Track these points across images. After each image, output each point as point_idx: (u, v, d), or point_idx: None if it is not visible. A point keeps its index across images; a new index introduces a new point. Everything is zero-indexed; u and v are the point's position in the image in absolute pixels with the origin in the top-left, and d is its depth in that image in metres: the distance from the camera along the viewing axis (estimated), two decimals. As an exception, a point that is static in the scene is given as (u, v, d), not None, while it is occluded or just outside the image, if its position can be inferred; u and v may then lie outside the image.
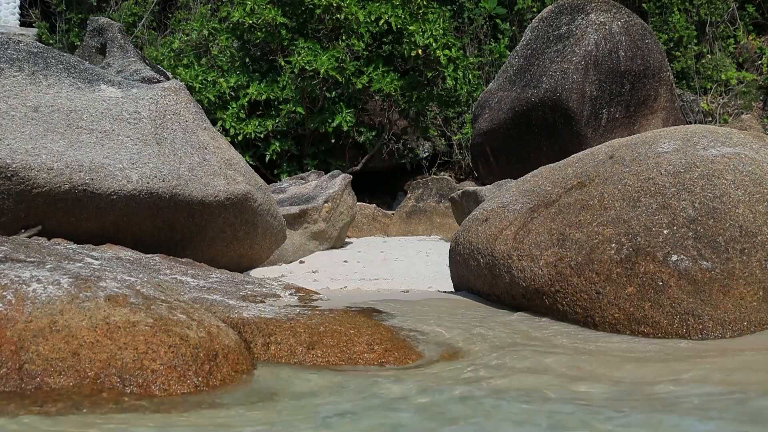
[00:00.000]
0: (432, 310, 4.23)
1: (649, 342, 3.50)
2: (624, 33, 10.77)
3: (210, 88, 14.53)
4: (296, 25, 14.73)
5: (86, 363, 2.74)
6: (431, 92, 15.56)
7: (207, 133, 6.13)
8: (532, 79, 10.99)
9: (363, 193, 14.50)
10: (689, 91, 15.84)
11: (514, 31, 17.60)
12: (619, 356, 3.23)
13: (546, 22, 11.55)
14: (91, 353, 2.76)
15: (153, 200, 5.34)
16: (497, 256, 4.33)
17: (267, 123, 14.45)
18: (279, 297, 4.24)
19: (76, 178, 4.97)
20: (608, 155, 4.47)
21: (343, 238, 10.60)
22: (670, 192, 3.94)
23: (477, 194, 9.70)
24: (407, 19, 14.57)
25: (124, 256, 4.71)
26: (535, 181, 4.74)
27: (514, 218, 4.45)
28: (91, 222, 5.15)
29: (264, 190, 6.58)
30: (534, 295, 4.09)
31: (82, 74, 5.74)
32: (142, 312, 2.96)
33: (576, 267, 3.90)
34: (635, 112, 10.83)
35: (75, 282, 3.05)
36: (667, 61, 11.26)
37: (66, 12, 18.44)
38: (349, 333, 3.36)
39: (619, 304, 3.72)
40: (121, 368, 2.75)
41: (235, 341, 3.08)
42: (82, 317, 2.86)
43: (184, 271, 4.72)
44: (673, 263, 3.69)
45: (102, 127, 5.35)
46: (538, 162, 8.73)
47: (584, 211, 4.13)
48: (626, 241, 3.84)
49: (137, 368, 2.76)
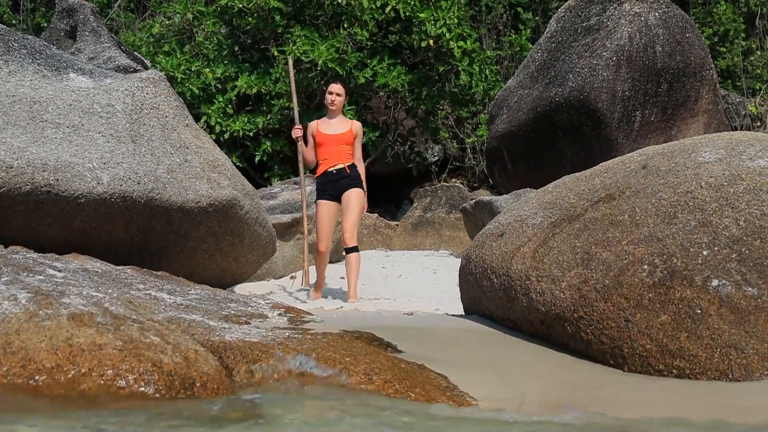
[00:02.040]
0: (439, 337, 4.21)
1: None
2: (662, 26, 10.78)
3: (194, 79, 14.56)
4: (292, 10, 14.76)
5: (44, 390, 2.72)
6: (443, 89, 15.58)
7: (189, 131, 6.12)
8: (557, 76, 11.00)
9: (363, 200, 14.51)
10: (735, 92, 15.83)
11: (538, 22, 17.63)
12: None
13: (574, 12, 11.57)
14: (51, 379, 2.75)
15: (126, 205, 5.33)
16: (513, 276, 4.32)
17: (257, 120, 14.47)
18: (266, 318, 4.22)
19: (39, 178, 4.96)
20: (641, 164, 4.45)
21: (340, 252, 10.59)
22: (711, 208, 3.92)
23: (492, 205, 9.69)
24: (417, 5, 14.60)
25: (91, 267, 4.69)
26: (558, 192, 4.72)
27: (534, 234, 4.44)
28: (55, 228, 5.14)
29: (252, 195, 6.58)
30: (554, 321, 4.07)
31: (49, 61, 5.74)
32: (110, 333, 2.94)
33: (602, 291, 3.88)
34: (673, 115, 10.84)
35: (34, 297, 3.03)
36: (711, 58, 11.27)
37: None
38: (345, 361, 3.34)
39: (651, 334, 3.70)
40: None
41: (215, 368, 3.06)
42: (41, 338, 2.85)
43: (160, 286, 4.70)
44: (714, 289, 3.67)
45: (70, 122, 5.34)
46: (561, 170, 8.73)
47: (613, 227, 4.11)
48: (660, 262, 3.82)
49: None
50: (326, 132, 7.64)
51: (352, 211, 7.45)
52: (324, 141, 7.61)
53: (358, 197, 7.50)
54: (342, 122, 7.76)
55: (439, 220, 13.18)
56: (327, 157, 7.59)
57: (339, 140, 7.59)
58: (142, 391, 2.79)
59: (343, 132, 7.64)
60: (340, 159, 7.56)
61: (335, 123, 7.72)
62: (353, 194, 7.50)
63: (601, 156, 9.34)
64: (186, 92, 14.20)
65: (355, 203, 7.48)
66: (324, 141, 7.61)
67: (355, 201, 7.48)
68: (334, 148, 7.58)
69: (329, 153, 7.59)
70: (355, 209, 7.47)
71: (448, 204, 13.31)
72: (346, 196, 7.49)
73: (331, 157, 7.57)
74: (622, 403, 3.25)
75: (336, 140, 7.59)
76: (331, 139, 7.59)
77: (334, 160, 7.56)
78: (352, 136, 7.66)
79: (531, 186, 10.33)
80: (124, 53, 7.49)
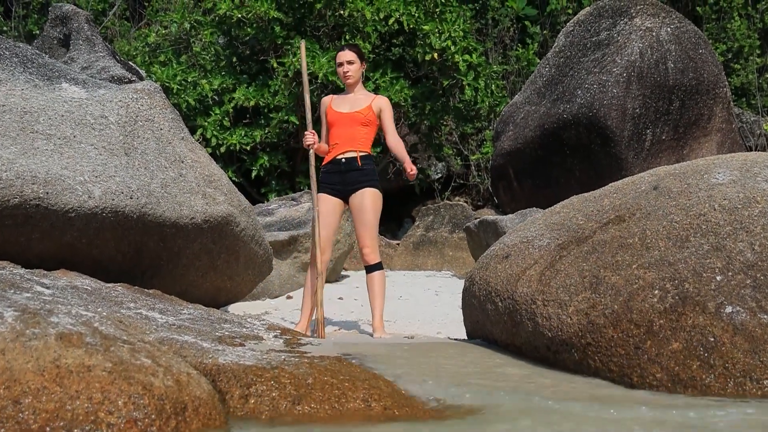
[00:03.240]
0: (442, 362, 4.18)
1: None
2: (674, 41, 10.80)
3: (190, 90, 14.58)
4: (292, 21, 14.80)
5: (29, 414, 2.71)
6: (447, 104, 15.60)
7: (184, 144, 6.12)
8: (565, 92, 11.01)
9: (364, 218, 14.47)
10: (750, 111, 15.86)
11: (546, 36, 17.68)
12: None
13: (583, 26, 11.59)
14: (37, 402, 2.73)
15: (118, 220, 5.32)
16: (519, 300, 4.30)
17: (255, 133, 14.48)
18: (261, 339, 4.21)
19: (28, 191, 4.95)
20: (652, 185, 4.45)
21: (338, 271, 10.59)
22: (725, 231, 3.91)
23: (497, 225, 9.69)
24: (421, 18, 14.64)
25: (80, 284, 4.68)
26: (566, 212, 4.71)
27: (540, 256, 4.43)
28: (43, 243, 5.13)
29: (248, 212, 6.57)
30: (561, 347, 4.05)
31: (41, 70, 5.74)
32: (100, 354, 2.93)
33: (611, 316, 3.87)
34: (685, 133, 10.84)
35: (21, 316, 3.02)
36: (724, 76, 11.28)
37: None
38: (343, 386, 3.32)
39: (662, 363, 3.68)
40: (71, 421, 2.71)
41: (207, 392, 3.04)
42: (27, 358, 2.83)
43: (152, 305, 4.69)
44: (727, 315, 3.65)
45: (61, 133, 5.34)
46: (569, 189, 8.73)
47: (622, 250, 4.10)
48: (672, 287, 3.81)
49: (90, 421, 2.73)
50: (339, 109, 6.40)
51: (367, 217, 6.22)
52: (335, 120, 6.38)
53: (373, 200, 6.24)
54: (361, 97, 6.45)
55: (441, 239, 13.18)
56: (338, 141, 6.34)
57: (353, 120, 6.33)
58: (134, 416, 2.77)
59: (360, 109, 6.36)
60: (352, 145, 6.30)
61: (351, 99, 6.44)
62: (367, 196, 6.25)
63: (610, 175, 9.34)
64: (182, 104, 14.22)
65: (371, 208, 6.23)
66: (335, 120, 6.38)
67: (371, 205, 6.24)
68: (347, 131, 6.32)
69: (340, 136, 6.33)
70: (370, 216, 6.22)
71: (451, 223, 13.31)
72: (358, 199, 6.26)
73: (342, 142, 6.32)
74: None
75: (349, 120, 6.33)
76: (343, 119, 6.35)
77: (345, 146, 6.31)
78: (372, 116, 6.35)
79: (537, 206, 10.33)
80: (119, 63, 7.49)
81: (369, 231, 6.21)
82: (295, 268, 9.23)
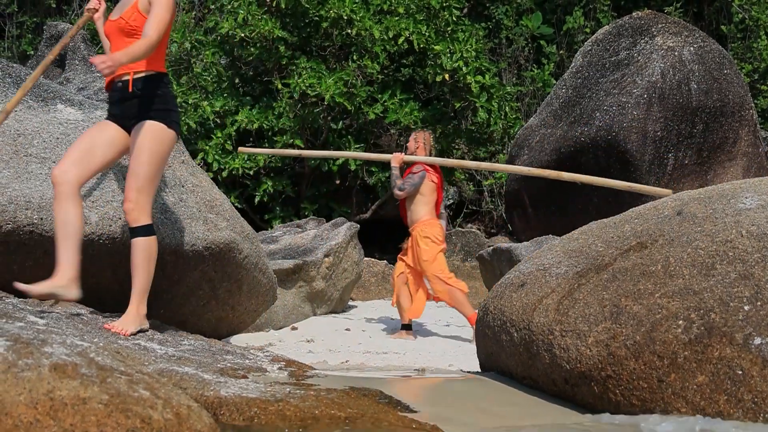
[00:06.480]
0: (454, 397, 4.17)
1: None
2: (697, 61, 10.81)
3: (191, 112, 14.63)
4: (298, 40, 14.85)
5: (23, 449, 2.70)
6: (459, 126, 15.63)
7: (185, 168, 6.13)
8: (583, 115, 11.03)
9: (372, 246, 14.48)
10: (776, 135, 15.85)
11: (562, 56, 17.72)
12: None
13: (601, 45, 11.62)
14: (30, 436, 2.72)
15: (115, 247, 5.32)
16: (535, 330, 4.29)
17: (258, 157, 14.50)
18: (265, 372, 4.20)
19: (22, 216, 4.96)
20: (676, 210, 4.44)
21: (345, 301, 10.57)
22: (753, 258, 3.90)
23: (511, 253, 9.68)
24: (432, 37, 14.68)
25: (76, 314, 4.69)
26: (584, 239, 4.70)
27: (557, 284, 4.41)
28: (37, 271, 5.13)
29: (252, 239, 6.57)
30: (579, 380, 4.04)
31: (35, 90, 5.76)
32: (96, 386, 2.92)
33: (633, 348, 3.85)
34: (709, 157, 10.83)
35: (14, 346, 3.02)
36: (750, 97, 11.28)
37: (18, 14, 18.65)
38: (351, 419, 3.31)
39: (687, 397, 3.66)
40: (65, 455, 2.71)
41: (209, 426, 3.03)
42: (19, 390, 2.82)
43: (150, 335, 4.69)
44: (756, 347, 3.63)
45: (56, 156, 5.35)
46: (586, 216, 8.72)
47: (644, 278, 4.09)
48: (697, 317, 3.79)
49: (86, 456, 2.72)
50: (109, 17, 5.04)
51: (135, 162, 4.80)
52: (105, 30, 5.05)
53: (149, 139, 4.81)
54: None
55: (453, 268, 13.14)
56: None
57: (118, 28, 4.90)
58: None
59: (122, 13, 4.90)
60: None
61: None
62: (141, 134, 4.82)
63: (631, 202, 9.32)
64: (182, 126, 14.27)
65: (144, 149, 4.80)
66: (105, 30, 5.05)
67: (144, 145, 4.80)
68: (114, 42, 4.94)
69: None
70: (142, 161, 4.79)
71: (464, 251, 13.30)
72: (132, 137, 4.86)
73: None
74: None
75: (115, 29, 4.92)
76: (110, 28, 4.98)
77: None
78: (139, 18, 4.83)
79: (553, 233, 10.31)
80: (117, 83, 7.51)
81: (136, 181, 4.81)
82: (301, 298, 9.23)
